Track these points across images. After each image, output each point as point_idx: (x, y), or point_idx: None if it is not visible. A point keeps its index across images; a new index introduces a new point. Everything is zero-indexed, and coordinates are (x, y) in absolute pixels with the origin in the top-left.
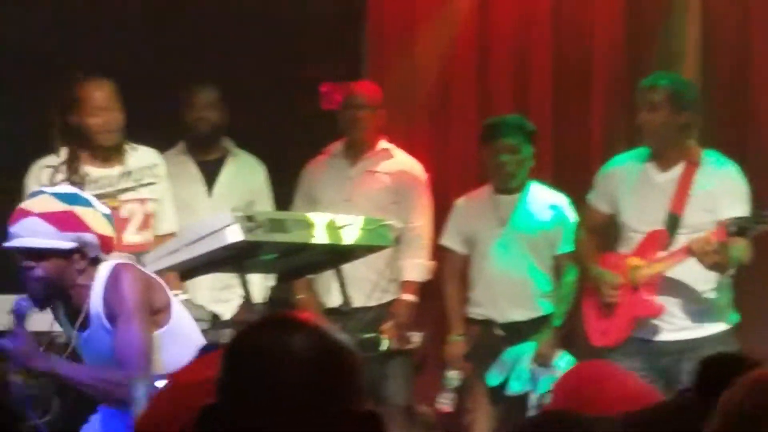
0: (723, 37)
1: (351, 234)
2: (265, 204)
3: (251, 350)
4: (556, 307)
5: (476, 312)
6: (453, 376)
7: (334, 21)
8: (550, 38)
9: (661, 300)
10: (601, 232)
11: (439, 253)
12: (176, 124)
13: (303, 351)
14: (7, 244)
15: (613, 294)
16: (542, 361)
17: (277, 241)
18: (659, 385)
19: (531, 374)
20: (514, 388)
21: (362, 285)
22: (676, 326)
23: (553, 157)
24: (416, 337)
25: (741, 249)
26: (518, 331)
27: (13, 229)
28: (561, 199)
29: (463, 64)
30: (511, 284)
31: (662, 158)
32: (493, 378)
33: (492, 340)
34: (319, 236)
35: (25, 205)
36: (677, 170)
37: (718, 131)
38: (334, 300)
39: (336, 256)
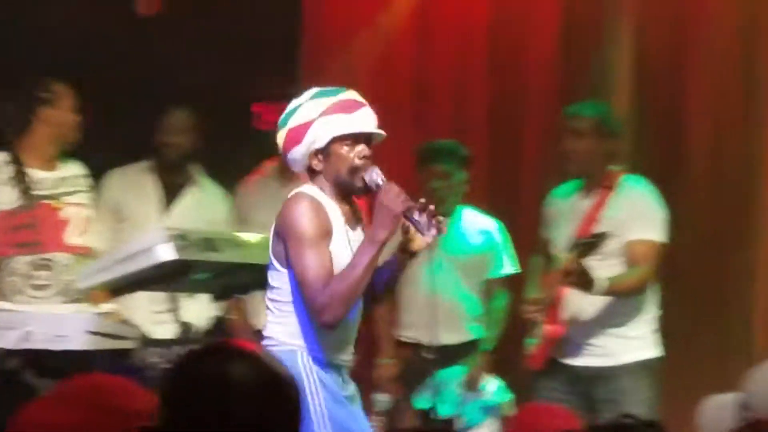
0: (655, 65)
1: None
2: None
3: (191, 380)
4: (485, 332)
5: (406, 335)
6: (382, 399)
7: (271, 42)
8: (487, 64)
9: (577, 325)
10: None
11: None
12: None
13: (243, 380)
14: None
15: (529, 309)
16: (470, 385)
17: (210, 260)
18: (580, 410)
19: (459, 398)
20: (443, 412)
21: None
22: (592, 353)
23: (488, 182)
24: None
25: (621, 275)
26: (448, 355)
27: None
28: (492, 224)
29: (400, 88)
30: (442, 308)
31: (587, 186)
32: (422, 401)
33: (421, 363)
34: (252, 256)
35: None
36: (595, 196)
37: (651, 158)
38: (263, 321)
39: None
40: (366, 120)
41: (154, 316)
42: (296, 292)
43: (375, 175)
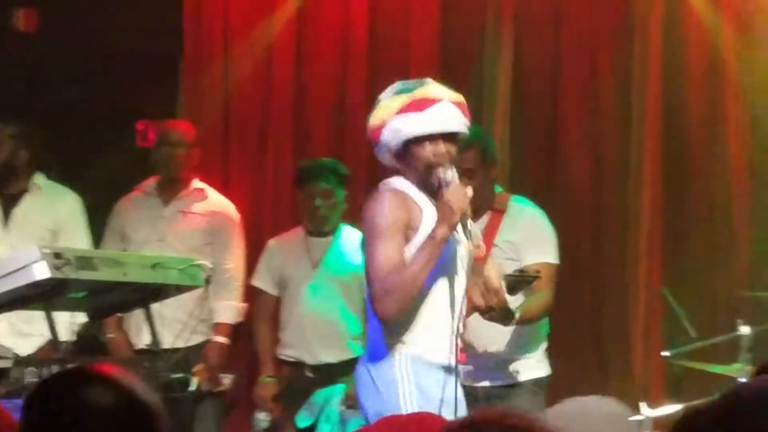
0: (533, 84)
1: (162, 273)
2: (73, 233)
3: (50, 404)
4: None
5: (287, 353)
6: (262, 418)
7: (151, 59)
8: (366, 81)
9: (484, 350)
10: None
11: (250, 294)
12: None
13: (102, 405)
14: None
15: None
16: (351, 403)
17: (86, 278)
18: None
19: (340, 416)
20: (324, 430)
21: (172, 325)
22: (492, 375)
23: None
24: (227, 379)
25: (529, 302)
26: (329, 373)
27: None
28: None
29: (280, 104)
30: (323, 326)
31: (473, 207)
32: (303, 420)
33: (302, 381)
34: (130, 274)
35: None
36: (484, 219)
37: (530, 172)
38: (144, 339)
39: (146, 294)
40: (437, 118)
41: (20, 328)
42: None
43: (448, 173)
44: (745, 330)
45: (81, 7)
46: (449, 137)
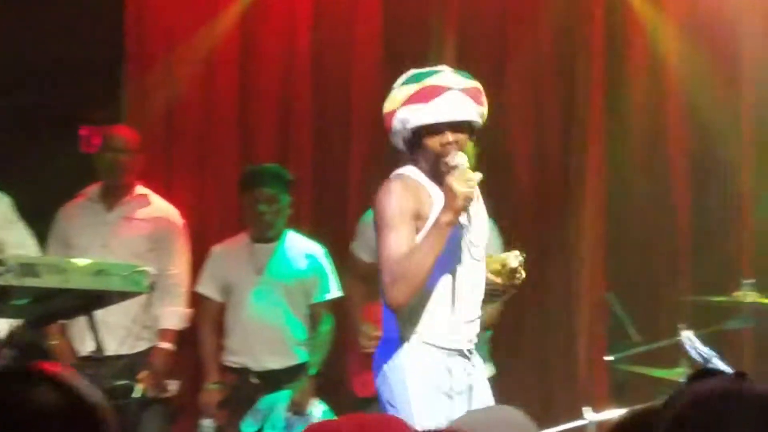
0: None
1: (105, 280)
2: (8, 232)
3: None
4: (311, 356)
5: (232, 360)
6: (208, 425)
7: (94, 65)
8: (311, 87)
9: None
10: (370, 281)
11: (195, 300)
12: None
13: (47, 405)
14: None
15: (369, 345)
16: (297, 409)
17: (29, 285)
18: None
19: (286, 422)
20: None
21: (116, 331)
22: None
23: (313, 206)
24: (173, 385)
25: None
26: (274, 379)
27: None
28: (317, 249)
29: (224, 110)
30: (267, 332)
31: None
32: (248, 426)
33: (247, 388)
34: (73, 281)
35: None
36: None
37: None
38: (87, 346)
39: (90, 301)
40: (443, 108)
41: None
42: None
43: (455, 158)
44: (687, 334)
45: (23, 13)
46: (457, 126)
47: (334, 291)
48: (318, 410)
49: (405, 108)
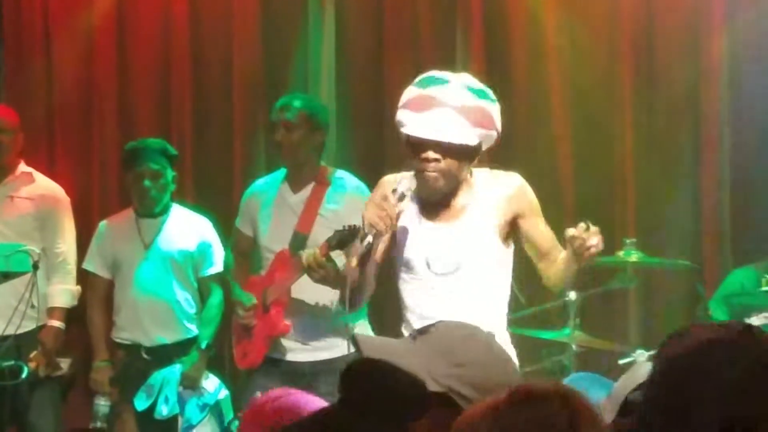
0: (356, 59)
1: None
2: None
3: None
4: (202, 330)
5: (122, 336)
6: (101, 402)
7: None
8: (189, 60)
9: (295, 321)
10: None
11: (83, 277)
12: None
13: None
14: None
15: (246, 315)
16: (189, 383)
17: None
18: None
19: (178, 397)
20: (162, 412)
21: (3, 311)
22: (309, 347)
23: (194, 179)
24: (64, 364)
25: None
26: (165, 354)
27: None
28: (204, 221)
29: (103, 86)
30: (156, 307)
31: (295, 179)
32: (141, 401)
33: (139, 363)
34: None
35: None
36: (308, 190)
37: (357, 151)
38: None
39: None
40: (426, 124)
41: None
42: None
43: (400, 184)
44: (572, 296)
45: None
46: (439, 145)
47: (222, 264)
48: (211, 384)
49: (401, 111)
